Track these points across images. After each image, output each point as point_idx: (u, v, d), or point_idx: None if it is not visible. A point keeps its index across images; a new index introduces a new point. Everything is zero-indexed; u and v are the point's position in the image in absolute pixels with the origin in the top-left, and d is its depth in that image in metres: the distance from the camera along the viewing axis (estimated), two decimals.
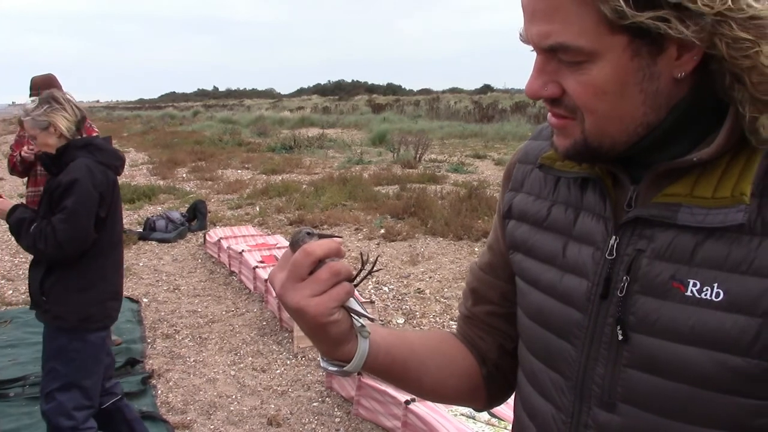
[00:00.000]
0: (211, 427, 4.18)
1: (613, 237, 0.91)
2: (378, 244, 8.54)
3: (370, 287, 6.80)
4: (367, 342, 1.01)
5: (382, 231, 8.98)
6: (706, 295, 0.82)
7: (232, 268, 7.38)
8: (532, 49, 0.87)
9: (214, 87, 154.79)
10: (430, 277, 7.12)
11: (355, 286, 1.02)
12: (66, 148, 3.00)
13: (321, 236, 0.97)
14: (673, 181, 0.86)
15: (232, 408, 4.43)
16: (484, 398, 1.20)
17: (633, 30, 0.78)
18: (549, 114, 0.91)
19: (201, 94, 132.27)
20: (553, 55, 0.84)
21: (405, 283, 6.97)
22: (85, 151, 3.02)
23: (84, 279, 3.08)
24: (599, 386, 0.92)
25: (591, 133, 0.86)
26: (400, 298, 6.52)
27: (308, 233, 0.97)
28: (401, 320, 5.93)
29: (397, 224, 9.34)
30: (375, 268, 1.06)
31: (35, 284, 3.06)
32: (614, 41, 0.80)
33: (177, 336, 5.68)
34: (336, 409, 4.34)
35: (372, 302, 5.56)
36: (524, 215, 1.07)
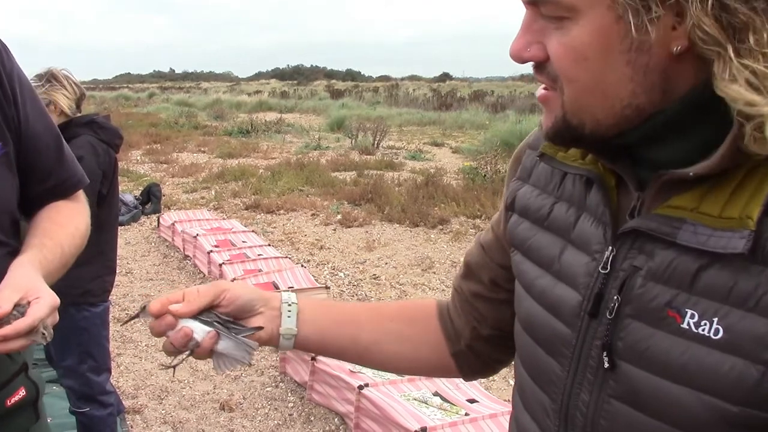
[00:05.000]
0: (163, 411, 4.14)
1: (610, 248, 0.80)
2: (335, 229, 8.53)
3: (326, 273, 6.80)
4: (290, 341, 1.08)
5: (339, 217, 8.97)
6: (703, 330, 0.70)
7: (187, 252, 7.30)
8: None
9: (171, 69, 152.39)
10: (386, 263, 7.14)
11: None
12: (68, 125, 2.96)
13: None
14: (681, 191, 0.74)
15: (184, 393, 4.39)
16: (457, 372, 1.16)
17: None
18: (538, 90, 0.81)
19: (157, 76, 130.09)
20: (537, 10, 0.75)
21: (361, 269, 6.98)
22: (87, 128, 3.01)
23: (84, 254, 3.04)
24: (583, 415, 0.83)
25: (570, 107, 0.76)
26: (355, 284, 6.53)
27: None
28: None
29: (354, 210, 9.34)
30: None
31: None
32: None
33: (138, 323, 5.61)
34: (289, 394, 4.33)
35: (327, 288, 5.55)
36: (526, 211, 0.96)
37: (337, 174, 12.30)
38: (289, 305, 1.07)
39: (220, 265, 6.09)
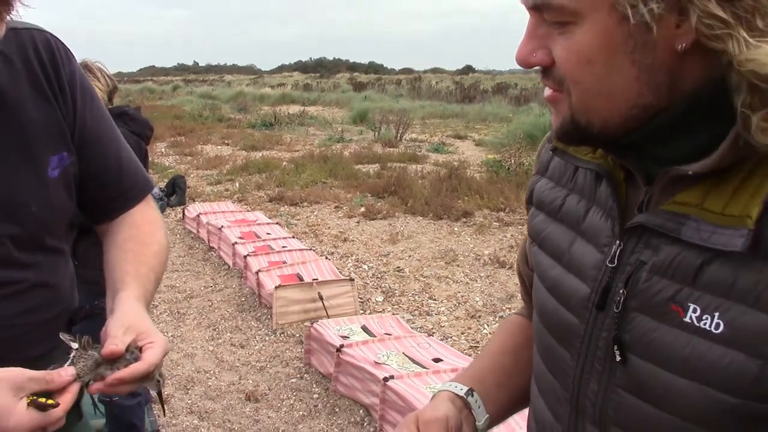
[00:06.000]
0: (189, 402, 4.18)
1: (618, 242, 0.82)
2: (358, 222, 8.54)
3: (349, 265, 6.81)
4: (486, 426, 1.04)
5: (362, 209, 8.98)
6: (705, 324, 0.72)
7: (211, 244, 7.35)
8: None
9: (195, 62, 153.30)
10: (410, 256, 7.13)
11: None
12: None
13: None
14: (687, 187, 0.75)
15: (210, 383, 4.43)
16: None
17: None
18: (545, 91, 0.82)
19: (181, 69, 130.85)
20: (541, 17, 0.76)
21: (384, 261, 6.98)
22: (119, 120, 3.01)
23: None
24: (592, 404, 0.85)
25: (578, 108, 0.77)
26: (379, 276, 6.53)
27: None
28: (380, 298, 5.94)
29: (378, 203, 9.34)
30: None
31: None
32: (599, 0, 0.70)
33: (155, 311, 5.65)
34: (314, 386, 4.35)
35: (352, 280, 5.56)
36: (542, 203, 0.99)
37: (361, 166, 12.30)
38: (473, 397, 1.04)
39: (245, 257, 6.12)
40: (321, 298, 5.20)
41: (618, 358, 0.80)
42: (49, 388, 1.03)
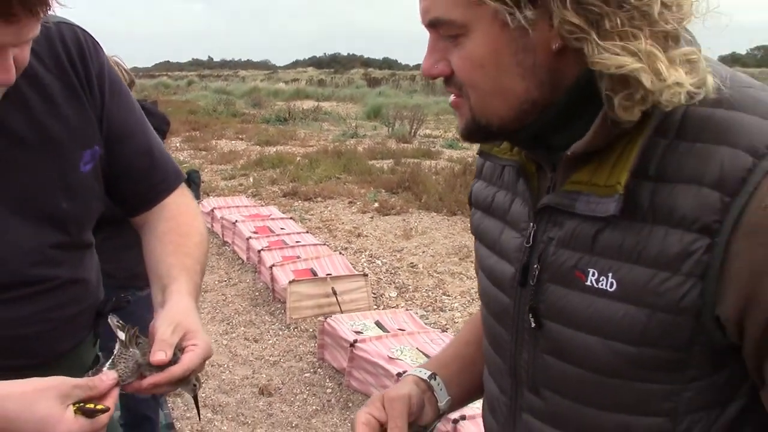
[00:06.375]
0: (203, 395, 4.19)
1: (531, 224, 0.93)
2: (372, 217, 8.54)
3: (363, 260, 6.81)
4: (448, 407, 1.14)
5: (376, 205, 8.97)
6: (602, 284, 0.83)
7: (225, 239, 7.37)
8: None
9: (209, 57, 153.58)
10: (424, 252, 7.12)
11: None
12: None
13: None
14: (579, 169, 0.86)
15: (223, 377, 4.44)
16: None
17: None
18: (450, 97, 0.92)
19: (195, 64, 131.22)
20: (438, 33, 0.86)
21: (398, 257, 6.98)
22: None
23: (131, 237, 3.08)
24: (525, 371, 0.96)
25: (477, 109, 0.87)
26: (393, 271, 6.53)
27: None
28: (394, 293, 5.94)
29: (391, 198, 9.33)
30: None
31: None
32: (482, 12, 0.80)
33: None
34: (327, 380, 4.35)
35: (365, 275, 5.56)
36: (478, 202, 1.10)
37: (375, 162, 12.30)
38: (436, 381, 1.13)
39: (259, 251, 6.13)
40: (334, 293, 5.20)
41: (533, 325, 0.92)
42: (92, 394, 1.03)
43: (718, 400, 0.84)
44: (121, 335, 1.13)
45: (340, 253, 6.43)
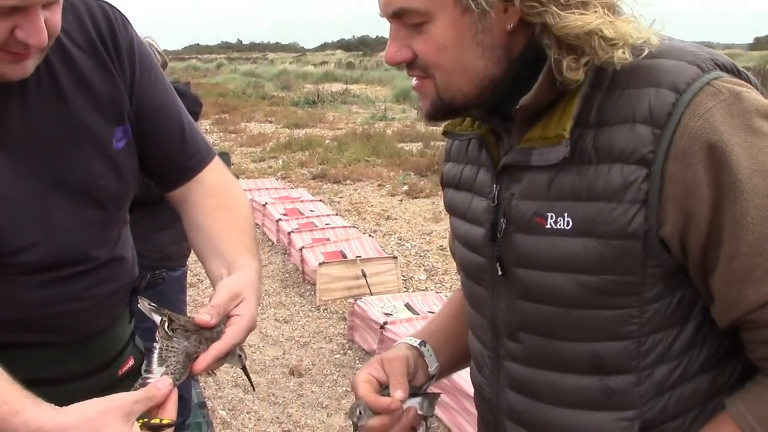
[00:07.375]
0: (234, 374, 4.23)
1: (494, 185, 1.03)
2: (401, 200, 8.52)
3: (392, 243, 6.81)
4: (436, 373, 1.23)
5: (405, 188, 8.95)
6: (560, 225, 0.94)
7: (255, 221, 7.37)
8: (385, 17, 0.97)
9: (238, 40, 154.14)
10: None
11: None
12: None
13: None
14: (531, 127, 0.97)
15: (254, 357, 4.48)
16: None
17: None
18: (412, 81, 1.01)
19: (225, 47, 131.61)
20: (400, 22, 0.95)
21: (427, 240, 6.96)
22: None
23: (163, 219, 3.13)
24: (503, 320, 1.05)
25: (442, 88, 0.96)
26: (422, 254, 6.52)
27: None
28: (423, 276, 5.94)
29: (421, 181, 9.30)
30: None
31: None
32: (443, 0, 0.90)
33: (200, 285, 5.74)
34: (357, 362, 4.37)
35: (395, 258, 5.56)
36: (449, 181, 1.20)
37: (403, 145, 12.27)
38: (426, 347, 1.22)
39: (289, 233, 6.16)
40: (364, 275, 5.20)
41: (499, 272, 1.01)
42: (152, 405, 1.01)
43: (676, 319, 0.94)
44: (156, 318, 1.11)
45: (370, 235, 6.44)
